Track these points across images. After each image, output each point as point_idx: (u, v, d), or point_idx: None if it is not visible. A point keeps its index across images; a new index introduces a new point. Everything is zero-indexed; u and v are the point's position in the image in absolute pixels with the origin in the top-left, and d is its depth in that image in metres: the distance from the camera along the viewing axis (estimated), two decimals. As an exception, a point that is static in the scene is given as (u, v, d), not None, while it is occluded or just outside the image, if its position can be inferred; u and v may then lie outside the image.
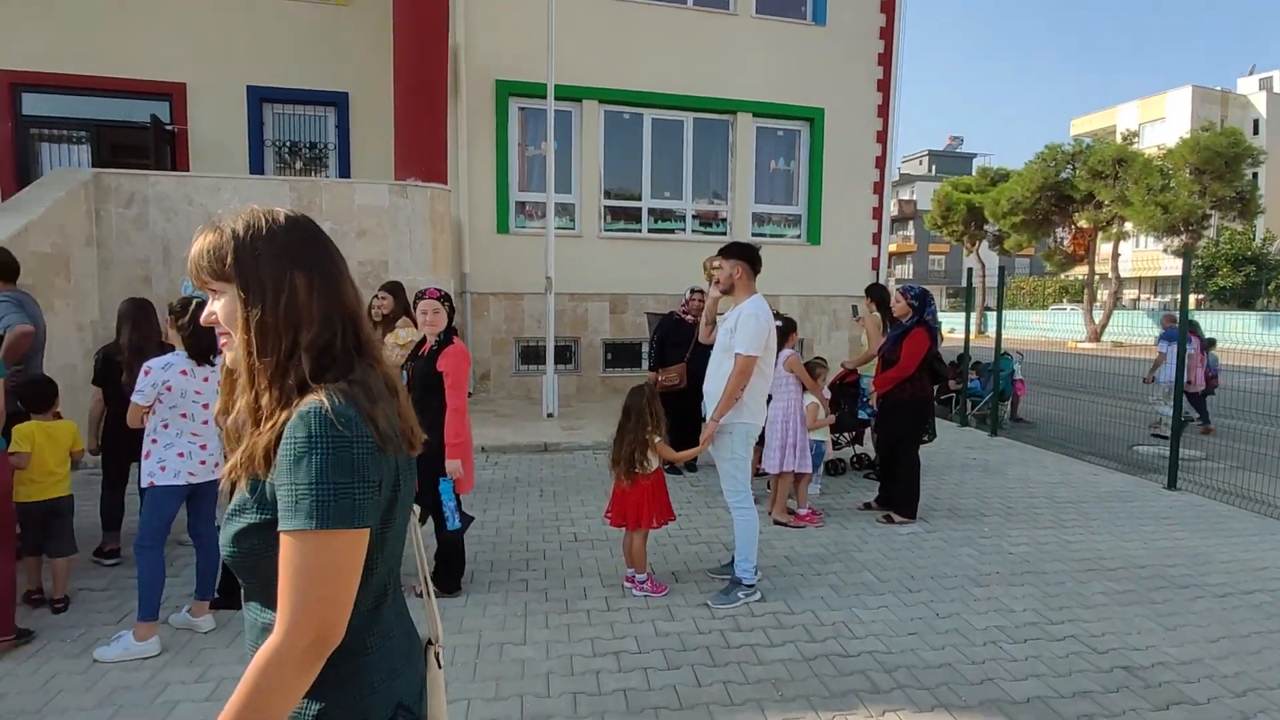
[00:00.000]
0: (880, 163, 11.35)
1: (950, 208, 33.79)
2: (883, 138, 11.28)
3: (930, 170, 57.85)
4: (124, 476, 4.36)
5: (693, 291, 6.71)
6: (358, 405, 1.09)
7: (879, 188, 11.40)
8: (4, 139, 9.13)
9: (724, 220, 11.11)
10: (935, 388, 5.81)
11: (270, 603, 1.10)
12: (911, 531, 5.09)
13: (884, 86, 11.18)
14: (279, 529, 1.05)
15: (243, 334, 1.13)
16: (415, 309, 4.09)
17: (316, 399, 1.07)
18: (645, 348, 10.27)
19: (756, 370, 3.85)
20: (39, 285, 5.52)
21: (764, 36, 10.67)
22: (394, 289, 5.55)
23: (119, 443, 4.09)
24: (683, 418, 5.57)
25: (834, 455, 6.43)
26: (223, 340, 1.19)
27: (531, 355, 10.20)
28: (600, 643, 3.49)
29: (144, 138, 9.52)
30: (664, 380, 6.07)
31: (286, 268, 1.14)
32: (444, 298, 3.95)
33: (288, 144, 10.50)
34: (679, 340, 6.43)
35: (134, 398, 3.30)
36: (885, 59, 11.14)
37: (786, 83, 10.76)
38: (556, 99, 8.74)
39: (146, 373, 3.30)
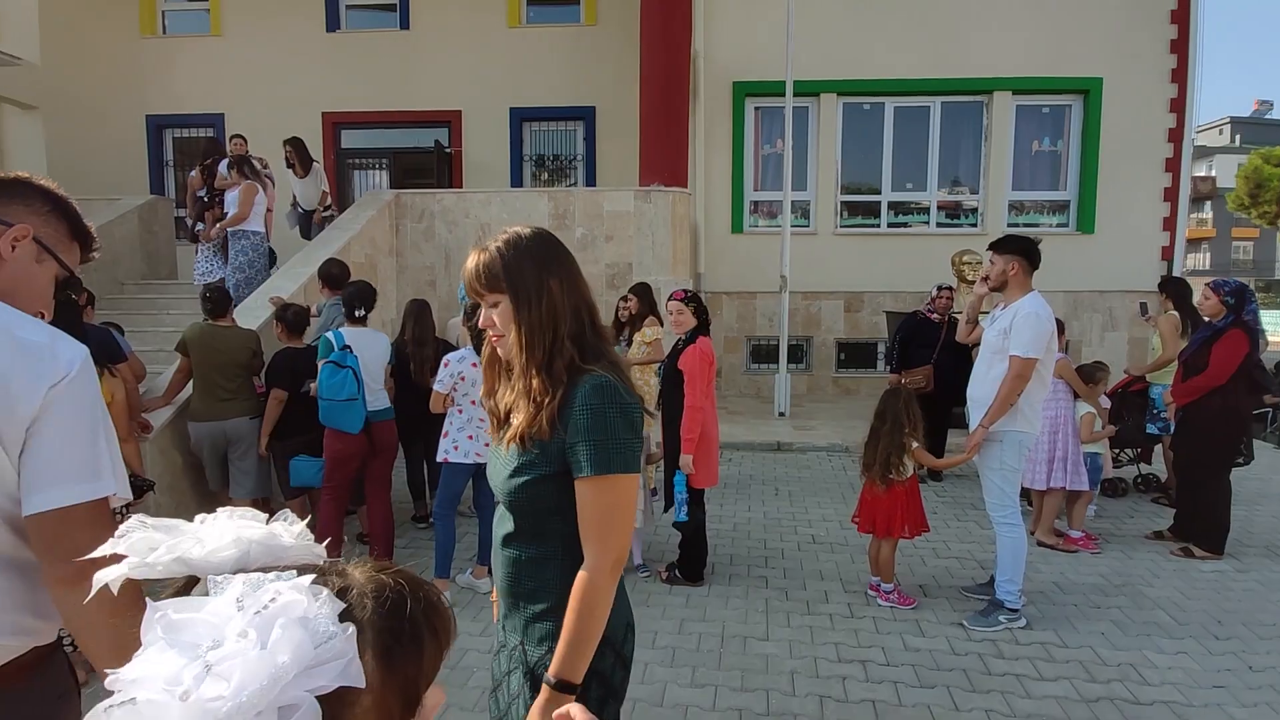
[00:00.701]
0: (1175, 135, 9.71)
1: (1261, 184, 28.05)
2: (1178, 106, 9.64)
3: (1233, 141, 48.35)
4: (421, 457, 5.11)
5: (940, 289, 6.28)
6: (624, 379, 1.37)
7: (1172, 165, 9.76)
8: (330, 168, 11.04)
9: (973, 211, 10.23)
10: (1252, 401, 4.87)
11: (536, 539, 1.40)
12: (1217, 569, 4.32)
13: (1179, 47, 9.55)
14: (577, 476, 1.32)
15: (516, 332, 1.37)
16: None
17: (599, 375, 1.34)
18: (882, 348, 9.80)
19: (1034, 375, 3.50)
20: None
21: (1025, 4, 9.64)
22: (640, 290, 5.84)
23: (409, 425, 4.71)
24: (929, 423, 5.24)
25: (1114, 474, 5.65)
26: (495, 338, 1.44)
27: (763, 354, 10.19)
28: (845, 649, 3.41)
29: (428, 160, 10.99)
30: (909, 383, 5.74)
31: (544, 275, 1.38)
32: (690, 299, 4.09)
33: (542, 158, 11.53)
34: (925, 341, 6.06)
35: (435, 386, 3.84)
36: (1181, 14, 9.51)
37: (1054, 53, 9.62)
38: (794, 95, 8.64)
39: (445, 365, 3.82)
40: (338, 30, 11.20)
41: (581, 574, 1.32)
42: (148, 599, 0.54)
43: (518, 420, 1.39)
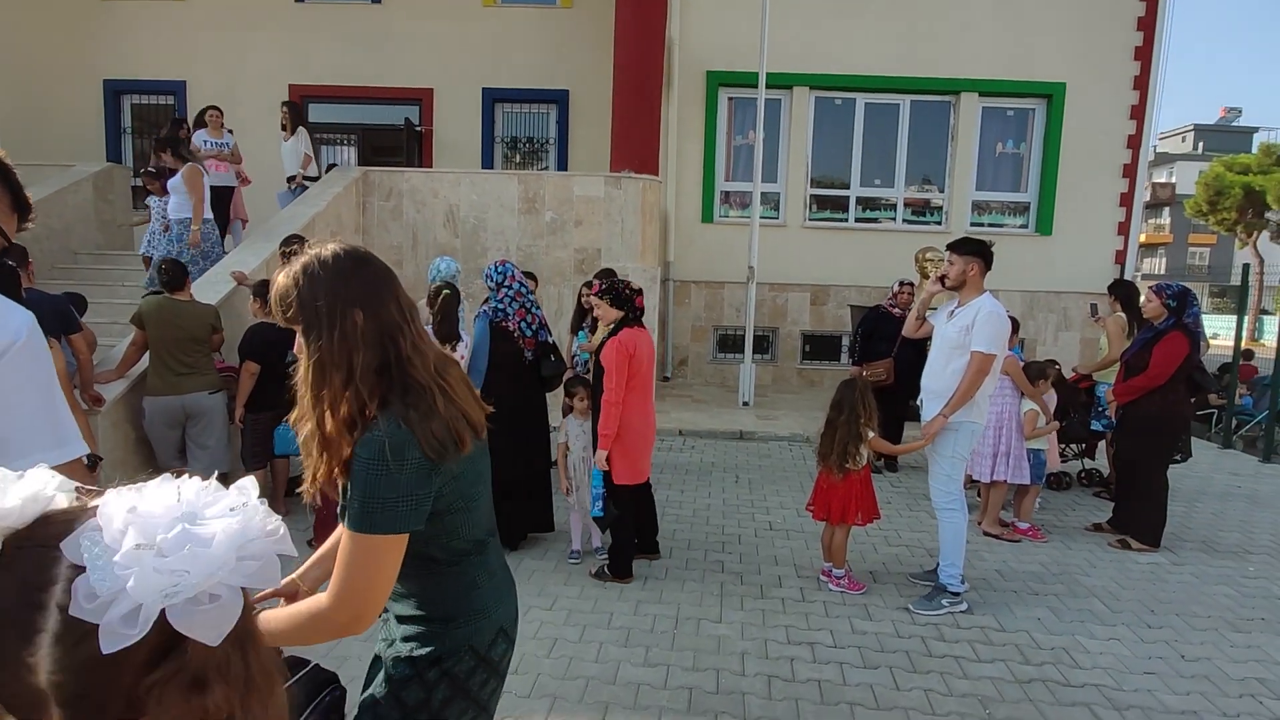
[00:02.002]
0: (1134, 142, 10.00)
1: (1222, 191, 28.93)
2: (1139, 113, 9.92)
3: (1196, 148, 49.72)
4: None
5: (901, 284, 6.41)
6: (417, 426, 1.25)
7: (1129, 170, 10.06)
8: (295, 142, 10.83)
9: (938, 209, 10.43)
10: (1194, 401, 5.09)
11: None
12: (1153, 561, 4.53)
13: (1143, 55, 9.82)
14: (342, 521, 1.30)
15: (304, 365, 1.29)
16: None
17: (376, 430, 1.25)
18: (846, 341, 9.98)
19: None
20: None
21: (995, 6, 9.82)
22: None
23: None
24: (887, 414, 5.37)
25: (1059, 468, 5.87)
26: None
27: (729, 344, 10.30)
28: (795, 631, 3.51)
29: (398, 138, 10.84)
30: (871, 375, 5.87)
31: (340, 304, 1.28)
32: (605, 290, 3.98)
33: (513, 140, 11.44)
34: (886, 334, 6.19)
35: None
36: (1147, 22, 9.77)
37: (1021, 56, 9.82)
38: (767, 87, 8.70)
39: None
40: (305, 1, 10.95)
41: (317, 605, 1.28)
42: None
43: (309, 469, 1.33)
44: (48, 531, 0.57)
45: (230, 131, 7.66)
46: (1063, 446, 5.90)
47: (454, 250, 7.45)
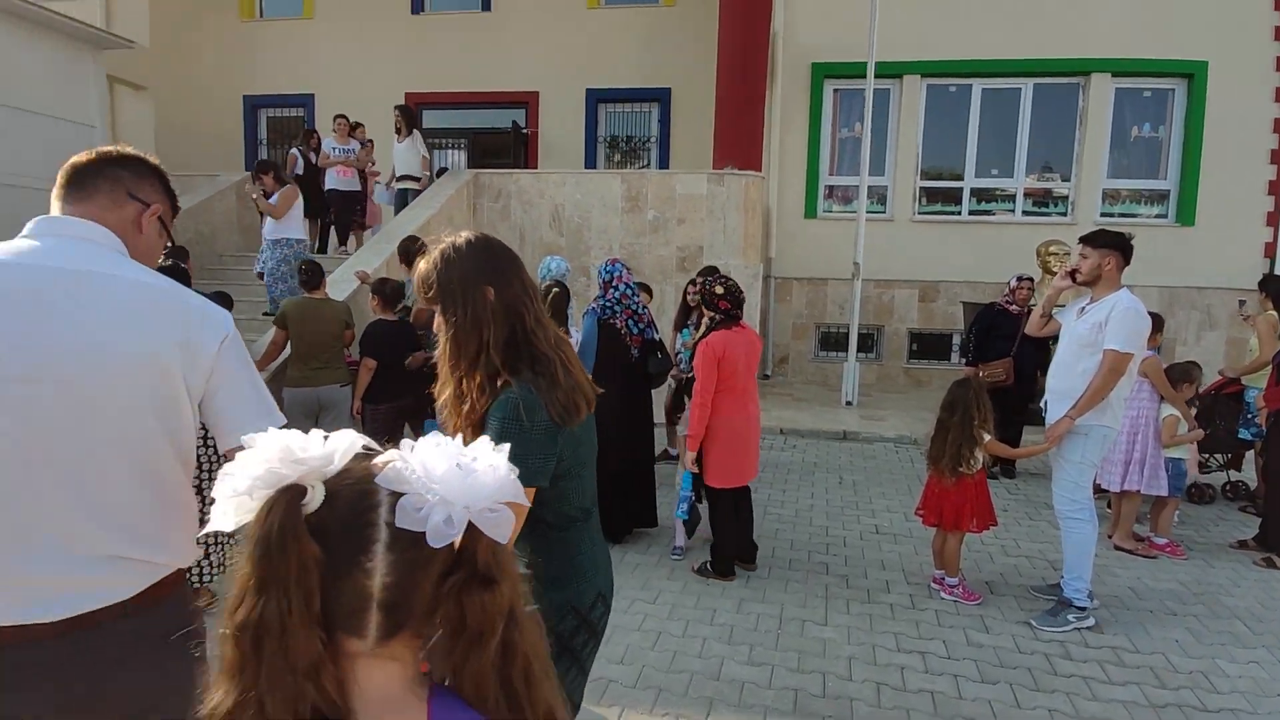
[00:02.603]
0: (1283, 125, 9.06)
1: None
2: (1290, 93, 8.97)
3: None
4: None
5: (1019, 280, 6.07)
6: (545, 390, 1.43)
7: (1279, 156, 9.12)
8: (411, 148, 11.41)
9: (1062, 199, 9.79)
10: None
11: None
12: (1308, 583, 4.11)
13: (1294, 29, 8.86)
14: None
15: (443, 338, 1.48)
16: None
17: (511, 391, 1.42)
18: (957, 339, 9.54)
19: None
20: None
21: (1131, -19, 9.10)
22: (709, 274, 5.88)
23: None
24: (1004, 416, 5.11)
25: (1200, 480, 5.40)
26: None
27: (831, 341, 10.07)
28: (905, 639, 3.41)
29: (505, 141, 11.23)
30: (989, 375, 5.60)
31: (473, 284, 1.47)
32: (699, 292, 3.97)
33: (615, 139, 11.60)
34: (1004, 333, 5.88)
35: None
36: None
37: (1158, 33, 9.07)
38: (876, 77, 8.43)
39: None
40: (422, 12, 11.51)
41: None
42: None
43: (448, 425, 1.50)
44: (360, 473, 0.73)
45: (370, 141, 8.21)
46: (1205, 457, 5.44)
47: (559, 249, 7.64)
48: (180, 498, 1.36)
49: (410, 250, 5.50)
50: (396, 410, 4.68)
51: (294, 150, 8.55)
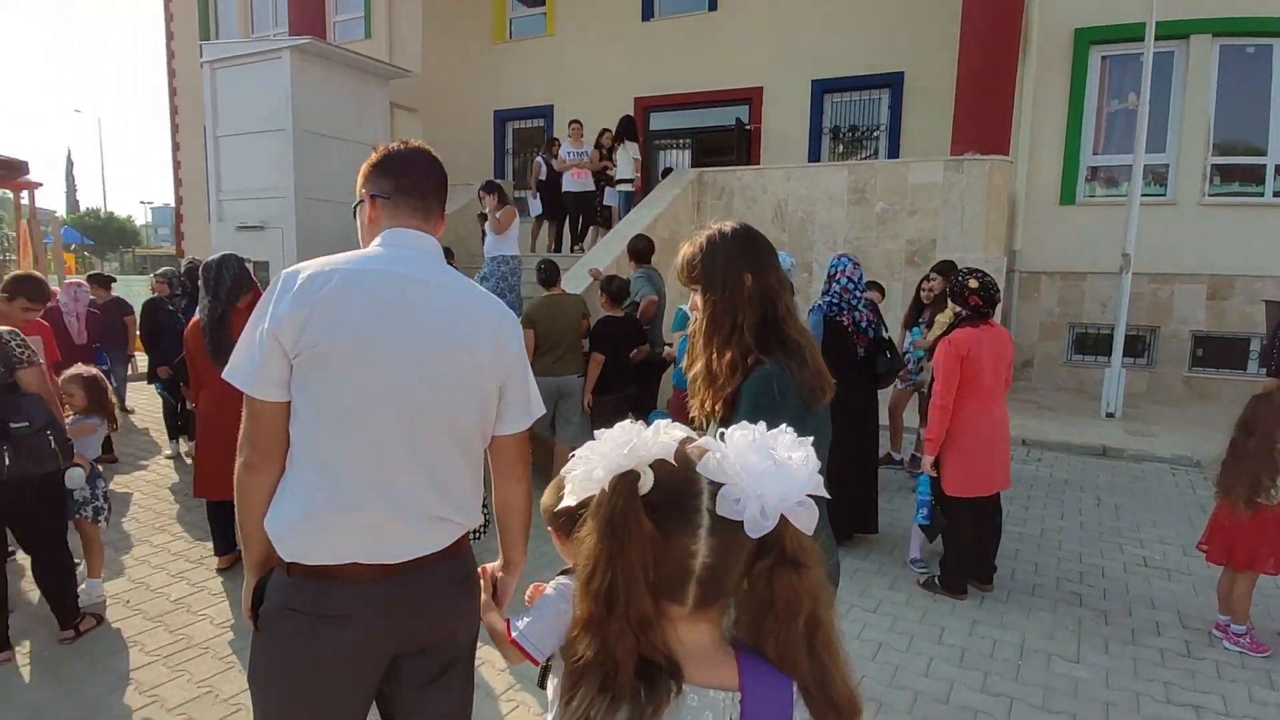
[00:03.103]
0: None
1: None
2: None
3: None
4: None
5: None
6: (796, 371, 1.50)
7: None
8: (642, 151, 11.93)
9: None
10: None
11: None
12: None
13: None
14: None
15: (702, 317, 1.59)
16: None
17: (765, 367, 1.48)
18: (1257, 345, 7.98)
19: None
20: (659, 264, 7.15)
21: None
22: (944, 269, 5.48)
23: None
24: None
25: None
26: None
27: (1089, 344, 8.90)
28: (1176, 690, 2.95)
29: (727, 139, 11.32)
30: (1299, 390, 4.63)
31: (733, 269, 1.58)
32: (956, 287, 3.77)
33: (837, 129, 11.20)
34: (1327, 339, 4.82)
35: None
36: None
37: None
38: (1156, 39, 7.29)
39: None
40: (651, 19, 11.95)
41: None
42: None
43: (697, 399, 1.60)
44: (682, 461, 0.83)
45: (610, 144, 8.78)
46: None
47: (781, 245, 7.55)
48: (480, 474, 1.62)
49: (639, 248, 5.76)
50: (622, 401, 4.94)
51: (538, 158, 9.34)
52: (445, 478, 1.50)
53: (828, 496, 0.87)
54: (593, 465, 0.83)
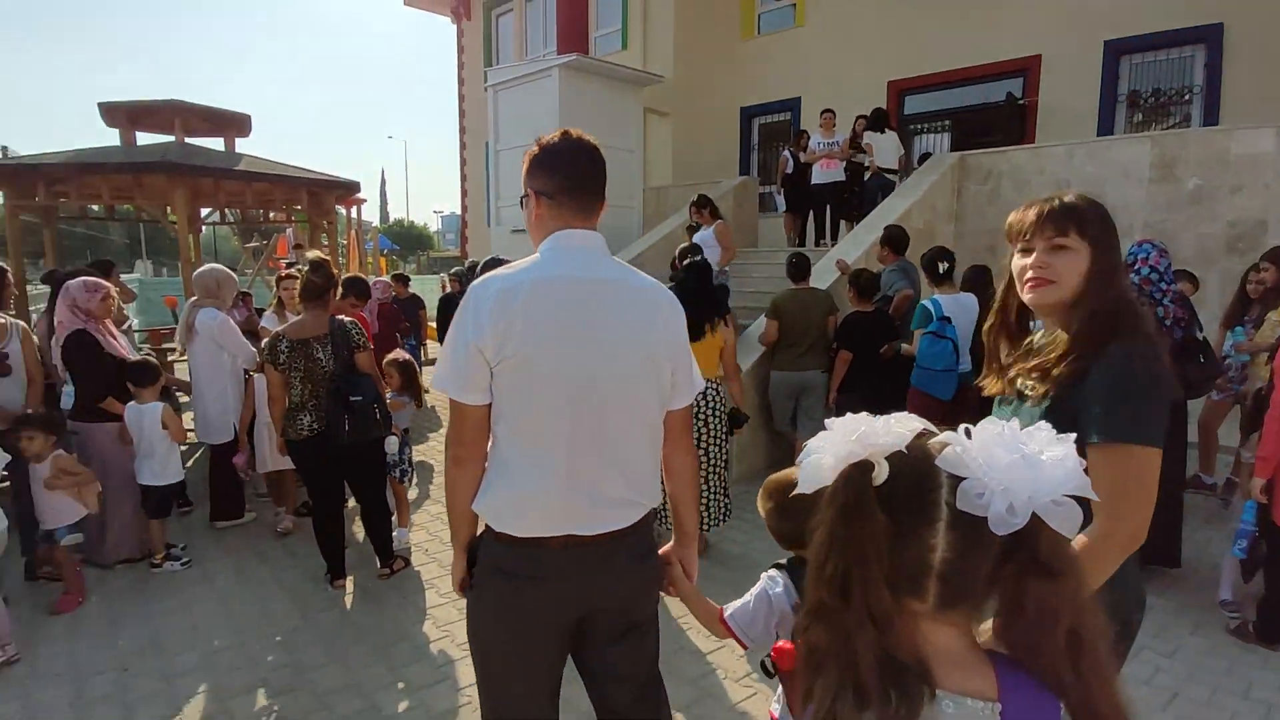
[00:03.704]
0: None
1: None
2: None
3: None
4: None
5: None
6: (1157, 353, 1.37)
7: None
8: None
9: None
10: None
11: None
12: None
13: None
14: (1086, 442, 1.26)
15: (1082, 280, 1.42)
16: None
17: (1128, 344, 1.35)
18: None
19: None
20: (912, 258, 6.73)
21: None
22: (1277, 257, 4.52)
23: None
24: None
25: None
26: (1035, 283, 1.47)
27: None
28: None
29: (993, 118, 10.29)
30: None
31: (1112, 237, 1.46)
32: None
33: (1136, 95, 9.64)
34: None
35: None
36: None
37: None
38: None
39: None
40: (910, -5, 11.23)
41: (1092, 532, 1.28)
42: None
43: (1025, 364, 1.48)
44: (920, 454, 0.80)
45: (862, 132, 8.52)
46: None
47: (1058, 232, 6.74)
48: (660, 456, 1.75)
49: (894, 239, 5.49)
50: (871, 399, 4.75)
51: (785, 152, 9.29)
52: (629, 463, 1.65)
53: (1094, 498, 0.76)
54: (824, 454, 0.82)
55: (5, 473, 3.62)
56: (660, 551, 1.79)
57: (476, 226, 16.87)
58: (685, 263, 4.52)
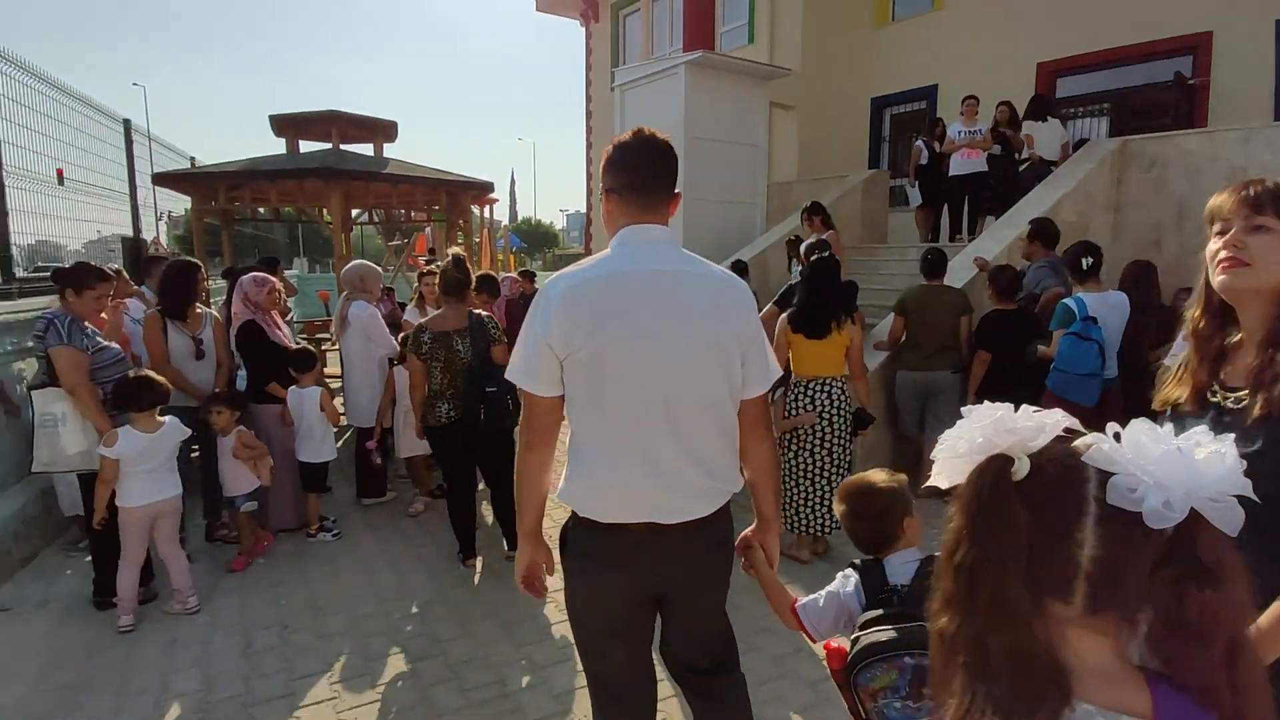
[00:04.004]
0: None
1: None
2: None
3: None
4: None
5: None
6: None
7: None
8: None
9: None
10: None
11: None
12: None
13: None
14: None
15: None
16: None
17: None
18: None
19: None
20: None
21: None
22: None
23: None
24: None
25: None
26: (1231, 263, 1.30)
27: None
28: None
29: (1158, 99, 9.35)
30: None
31: None
32: None
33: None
34: None
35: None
36: None
37: None
38: None
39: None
40: (1064, -30, 10.41)
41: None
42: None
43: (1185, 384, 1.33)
44: (1063, 451, 0.76)
45: (1006, 118, 8.01)
46: None
47: (1236, 224, 6.04)
48: (735, 443, 1.79)
49: (1044, 233, 5.14)
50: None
51: (918, 142, 8.88)
52: (704, 451, 1.71)
53: (1255, 499, 0.71)
54: (959, 445, 0.79)
55: (195, 446, 4.11)
56: (742, 535, 1.86)
57: (600, 224, 17.23)
58: (811, 258, 4.43)
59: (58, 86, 6.54)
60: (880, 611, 1.49)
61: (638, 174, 1.72)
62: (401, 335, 5.25)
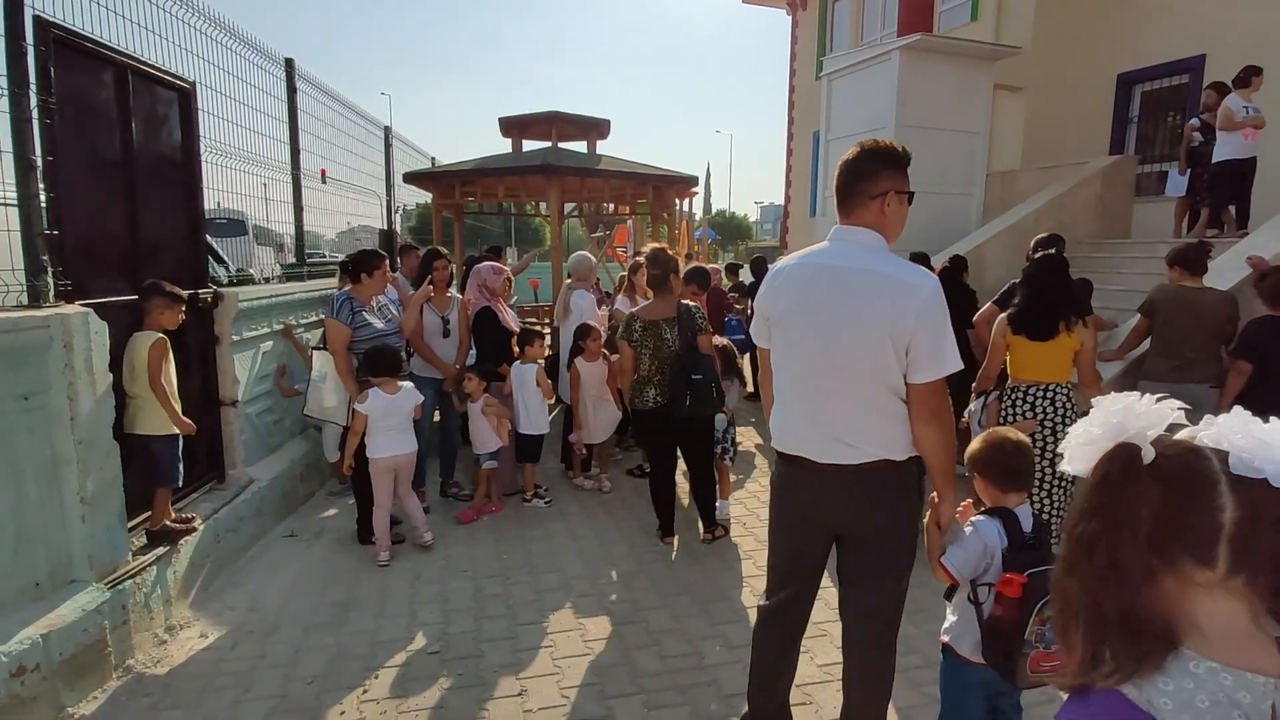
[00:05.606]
0: None
1: None
2: None
3: None
4: None
5: None
6: None
7: None
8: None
9: None
10: None
11: None
12: None
13: None
14: None
15: None
16: None
17: None
18: None
19: None
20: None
21: None
22: None
23: None
24: None
25: None
26: None
27: None
28: None
29: None
30: None
31: None
32: None
33: None
34: None
35: None
36: None
37: None
38: None
39: None
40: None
41: None
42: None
43: None
44: (1174, 437, 0.84)
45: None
46: None
47: None
48: (889, 414, 2.08)
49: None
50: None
51: (1193, 120, 7.74)
52: (853, 415, 2.10)
53: None
54: (1088, 431, 0.87)
55: (437, 409, 4.76)
56: (929, 496, 2.16)
57: (798, 217, 16.97)
58: (1037, 255, 4.11)
59: (337, 99, 7.66)
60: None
61: (837, 186, 2.17)
62: (612, 323, 5.58)
